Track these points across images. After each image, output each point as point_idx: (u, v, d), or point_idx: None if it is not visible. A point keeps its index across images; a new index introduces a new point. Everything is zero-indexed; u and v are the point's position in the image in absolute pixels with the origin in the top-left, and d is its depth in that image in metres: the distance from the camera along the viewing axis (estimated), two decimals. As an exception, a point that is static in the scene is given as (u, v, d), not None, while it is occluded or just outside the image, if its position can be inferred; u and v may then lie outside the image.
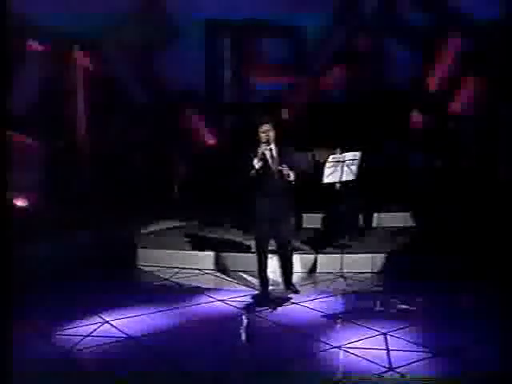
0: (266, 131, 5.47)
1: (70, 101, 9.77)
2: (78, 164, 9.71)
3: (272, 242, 5.71)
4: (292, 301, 5.61)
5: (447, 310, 5.28)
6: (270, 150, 5.51)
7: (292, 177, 5.43)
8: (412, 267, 6.29)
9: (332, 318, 5.12)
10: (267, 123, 5.50)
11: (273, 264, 5.85)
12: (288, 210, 5.62)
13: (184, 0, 10.08)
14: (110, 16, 9.60)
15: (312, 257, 6.64)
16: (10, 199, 7.89)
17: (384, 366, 4.07)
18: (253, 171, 5.34)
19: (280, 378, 4.01)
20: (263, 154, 5.41)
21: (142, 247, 7.33)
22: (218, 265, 6.82)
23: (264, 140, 5.45)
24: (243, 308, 5.46)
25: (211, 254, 6.91)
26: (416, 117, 10.04)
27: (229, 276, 6.57)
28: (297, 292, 5.75)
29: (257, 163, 5.34)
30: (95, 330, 4.93)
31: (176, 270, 6.83)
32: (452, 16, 10.32)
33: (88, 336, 4.78)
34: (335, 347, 4.43)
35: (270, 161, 5.49)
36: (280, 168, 5.43)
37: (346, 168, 5.95)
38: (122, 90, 10.23)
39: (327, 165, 5.88)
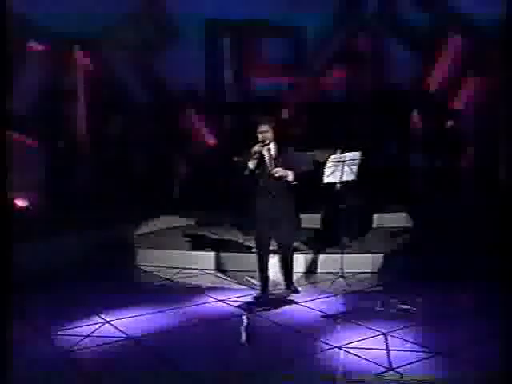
0: (263, 132, 5.45)
1: (69, 101, 9.78)
2: (78, 164, 9.72)
3: (272, 241, 5.70)
4: (292, 301, 5.60)
5: (447, 310, 5.27)
6: (268, 150, 5.50)
7: (291, 177, 5.41)
8: (412, 267, 6.29)
9: (332, 318, 5.11)
10: (265, 124, 5.48)
11: (273, 264, 5.85)
12: (288, 210, 5.58)
13: (184, 0, 10.09)
14: (110, 16, 9.61)
15: (312, 257, 6.64)
16: (10, 199, 7.89)
17: (384, 366, 4.07)
18: (247, 171, 5.33)
19: (280, 378, 4.00)
20: (258, 153, 5.36)
21: (142, 247, 7.34)
22: (217, 265, 6.82)
23: (261, 140, 5.43)
24: (243, 308, 5.45)
25: (211, 254, 6.91)
26: (416, 117, 10.04)
27: (229, 276, 6.57)
28: (297, 292, 5.75)
29: (251, 163, 5.33)
30: (95, 330, 4.93)
31: (176, 270, 6.83)
32: (452, 16, 10.33)
33: (88, 336, 4.78)
34: (335, 347, 4.43)
35: (268, 161, 5.48)
36: (273, 172, 5.38)
37: (346, 168, 5.94)
38: (122, 90, 10.24)
39: (327, 165, 5.87)
